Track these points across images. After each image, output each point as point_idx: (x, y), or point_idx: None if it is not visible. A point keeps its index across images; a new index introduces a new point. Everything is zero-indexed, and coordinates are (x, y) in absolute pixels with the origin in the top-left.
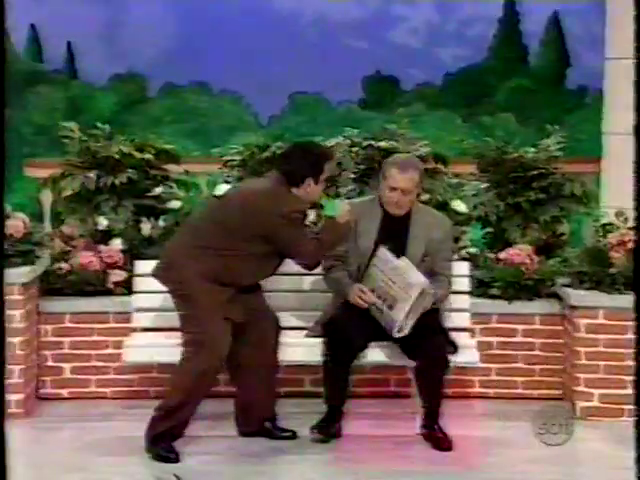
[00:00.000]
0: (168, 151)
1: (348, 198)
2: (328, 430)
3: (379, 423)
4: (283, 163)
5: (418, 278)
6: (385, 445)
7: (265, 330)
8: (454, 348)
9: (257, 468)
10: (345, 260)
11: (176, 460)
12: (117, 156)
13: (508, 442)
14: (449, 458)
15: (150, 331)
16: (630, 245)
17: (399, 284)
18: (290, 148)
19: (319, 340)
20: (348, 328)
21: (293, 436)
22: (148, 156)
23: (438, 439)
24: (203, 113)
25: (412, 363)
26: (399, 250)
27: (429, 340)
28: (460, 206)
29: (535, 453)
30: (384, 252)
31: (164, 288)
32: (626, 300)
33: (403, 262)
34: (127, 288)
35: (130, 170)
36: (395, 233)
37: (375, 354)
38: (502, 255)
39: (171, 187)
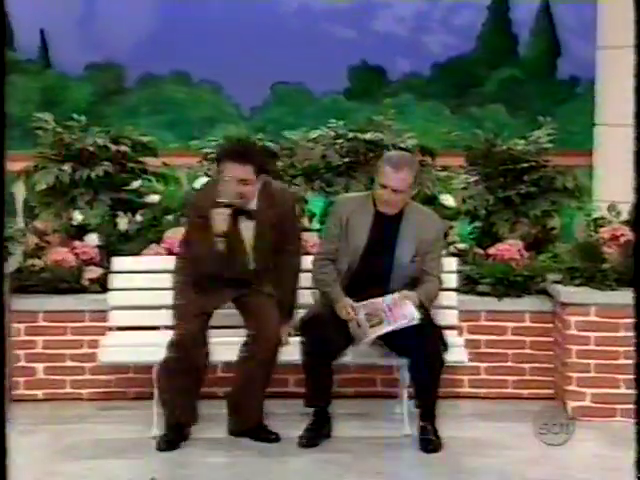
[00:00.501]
0: (146, 143)
1: (331, 194)
2: (316, 438)
3: (365, 424)
4: None
5: (412, 313)
6: (372, 447)
7: (261, 336)
8: (444, 346)
9: (239, 471)
10: (335, 259)
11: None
12: (92, 148)
13: (499, 443)
14: (438, 460)
15: (127, 330)
16: (623, 240)
17: (394, 312)
18: None
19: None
20: (326, 327)
21: (276, 439)
22: (125, 148)
23: (428, 441)
24: (182, 104)
25: (398, 362)
26: (389, 250)
27: (423, 337)
28: (448, 200)
29: (526, 454)
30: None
31: (141, 285)
32: (619, 296)
33: (408, 300)
34: (103, 285)
35: (106, 163)
36: (386, 232)
37: (359, 354)
38: (491, 250)
39: (149, 180)
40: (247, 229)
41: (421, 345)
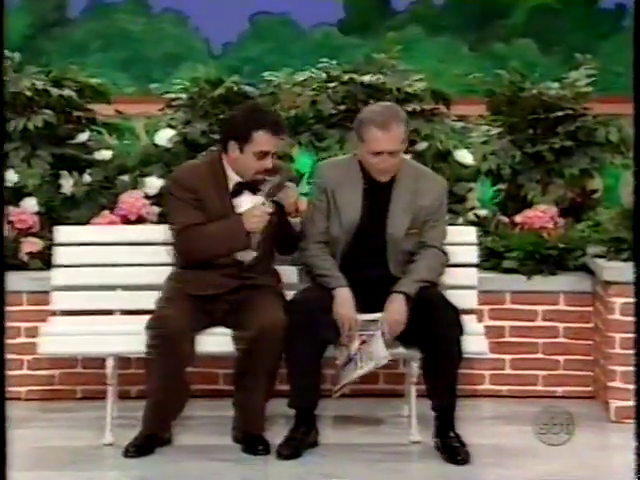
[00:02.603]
0: (95, 87)
1: (322, 150)
2: (299, 445)
3: (364, 429)
4: None
5: (379, 353)
6: (372, 456)
7: (254, 335)
8: (460, 332)
9: None
10: (326, 240)
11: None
12: (29, 93)
13: (526, 451)
14: (453, 472)
15: (74, 315)
16: None
17: (362, 350)
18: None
19: None
20: (315, 312)
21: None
22: (69, 93)
23: (453, 449)
24: (139, 38)
25: (406, 353)
26: (382, 224)
27: (439, 321)
28: (466, 157)
29: (559, 464)
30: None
31: (90, 261)
32: None
33: (379, 332)
34: (45, 261)
35: (46, 111)
36: (379, 202)
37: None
38: (518, 218)
39: (99, 132)
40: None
41: (437, 331)
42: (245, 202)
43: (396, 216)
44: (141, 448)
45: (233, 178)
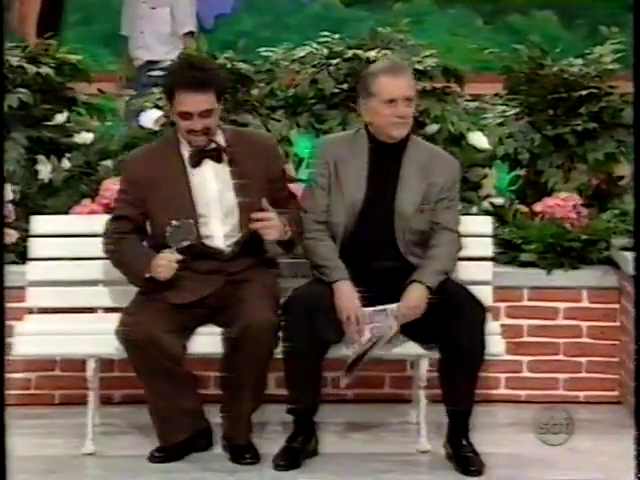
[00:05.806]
0: (75, 63)
1: (323, 132)
2: (298, 455)
3: (368, 437)
4: None
5: (387, 325)
6: (378, 467)
7: (237, 335)
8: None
9: None
10: (327, 220)
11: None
12: (3, 70)
13: (546, 461)
14: None
15: (52, 313)
16: None
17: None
18: None
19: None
20: (315, 310)
21: (252, 460)
22: (46, 70)
23: (466, 459)
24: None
25: (417, 352)
26: (389, 198)
27: (462, 320)
28: (480, 140)
29: (579, 475)
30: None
31: (70, 253)
32: None
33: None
34: (20, 254)
35: (22, 90)
36: (387, 176)
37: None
38: (538, 207)
39: (79, 113)
40: (218, 179)
41: (461, 330)
42: (207, 172)
43: (406, 190)
44: (167, 456)
45: (186, 148)
